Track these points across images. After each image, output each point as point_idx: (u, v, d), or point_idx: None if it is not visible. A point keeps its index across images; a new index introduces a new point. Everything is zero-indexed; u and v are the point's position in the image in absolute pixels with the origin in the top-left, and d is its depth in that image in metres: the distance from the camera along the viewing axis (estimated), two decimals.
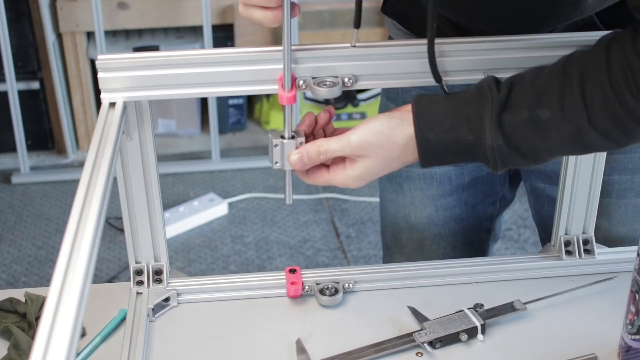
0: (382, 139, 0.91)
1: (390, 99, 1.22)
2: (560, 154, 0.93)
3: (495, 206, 1.29)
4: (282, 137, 0.98)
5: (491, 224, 1.31)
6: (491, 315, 1.02)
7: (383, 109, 1.24)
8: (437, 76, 0.93)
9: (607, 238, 1.18)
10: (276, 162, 0.99)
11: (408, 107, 0.92)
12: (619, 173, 1.14)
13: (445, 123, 0.89)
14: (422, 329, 1.00)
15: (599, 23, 1.00)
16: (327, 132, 0.99)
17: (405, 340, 0.99)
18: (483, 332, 1.00)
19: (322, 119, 0.98)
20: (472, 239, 1.28)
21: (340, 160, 0.95)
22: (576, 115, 0.85)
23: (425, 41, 0.92)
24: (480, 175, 1.24)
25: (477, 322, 1.00)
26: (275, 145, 0.98)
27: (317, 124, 0.98)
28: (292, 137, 0.97)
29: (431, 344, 0.98)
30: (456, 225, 1.25)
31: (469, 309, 1.03)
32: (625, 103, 0.83)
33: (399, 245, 1.31)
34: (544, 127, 0.87)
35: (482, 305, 1.03)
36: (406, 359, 0.98)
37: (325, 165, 0.97)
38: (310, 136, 0.98)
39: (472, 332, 1.00)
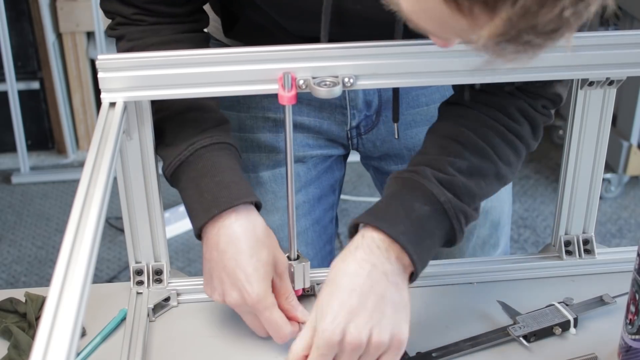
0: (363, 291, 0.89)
1: None
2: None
3: (335, 193, 1.28)
4: (288, 257, 1.02)
5: (334, 212, 1.30)
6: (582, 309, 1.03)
7: None
8: None
9: None
10: None
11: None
12: None
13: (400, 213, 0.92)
14: (515, 323, 1.00)
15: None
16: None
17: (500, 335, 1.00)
18: (575, 326, 1.01)
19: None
20: (320, 231, 1.27)
21: None
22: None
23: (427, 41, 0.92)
24: (324, 166, 1.23)
25: (570, 316, 1.01)
26: None
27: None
28: (297, 258, 1.02)
29: (525, 337, 0.99)
30: (306, 221, 1.23)
31: (559, 303, 1.03)
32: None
33: None
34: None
35: (572, 299, 1.04)
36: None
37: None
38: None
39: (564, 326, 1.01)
